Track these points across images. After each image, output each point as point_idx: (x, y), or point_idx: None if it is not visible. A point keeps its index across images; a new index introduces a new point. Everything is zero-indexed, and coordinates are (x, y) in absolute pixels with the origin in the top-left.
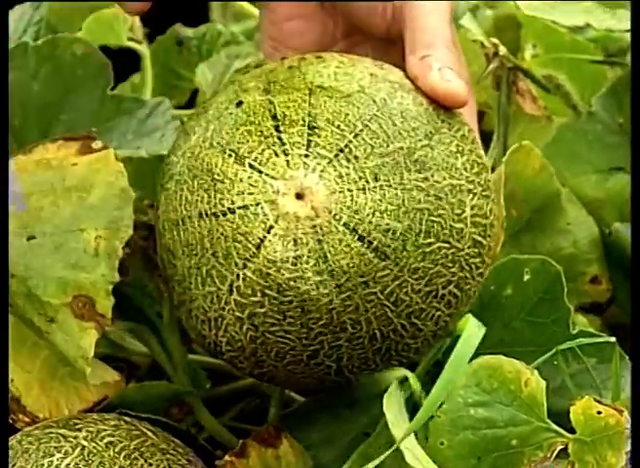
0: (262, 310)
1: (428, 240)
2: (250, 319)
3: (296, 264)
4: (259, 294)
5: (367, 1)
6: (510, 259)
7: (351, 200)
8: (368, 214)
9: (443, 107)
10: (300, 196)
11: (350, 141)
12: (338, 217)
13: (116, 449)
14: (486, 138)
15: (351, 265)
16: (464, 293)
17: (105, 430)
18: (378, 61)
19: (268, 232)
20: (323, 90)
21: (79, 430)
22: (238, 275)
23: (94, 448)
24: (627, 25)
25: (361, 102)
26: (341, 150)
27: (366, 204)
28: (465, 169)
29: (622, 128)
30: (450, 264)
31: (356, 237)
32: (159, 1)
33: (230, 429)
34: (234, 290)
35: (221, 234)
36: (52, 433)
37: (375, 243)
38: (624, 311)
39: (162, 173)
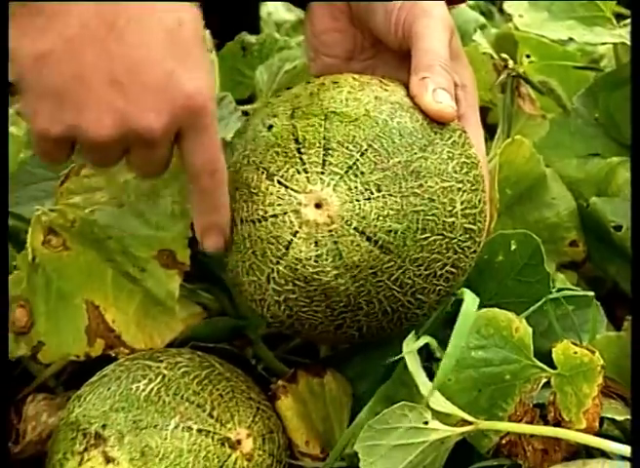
0: (294, 296)
1: (425, 235)
2: (285, 302)
3: (317, 261)
4: (290, 285)
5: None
6: (499, 234)
7: (359, 208)
8: (373, 219)
9: (436, 121)
10: (318, 206)
11: (357, 160)
12: (349, 223)
13: (190, 377)
14: (491, 130)
15: (362, 260)
16: (460, 270)
17: (182, 362)
18: (386, 80)
19: (294, 236)
20: (336, 115)
21: (161, 361)
22: (273, 269)
23: (172, 376)
24: (603, 39)
25: (366, 125)
26: (350, 167)
27: (371, 211)
28: (455, 171)
29: (598, 121)
30: (445, 251)
31: (365, 238)
32: (223, 19)
33: (283, 361)
34: (271, 280)
35: (258, 237)
36: (139, 363)
37: (380, 241)
38: (597, 267)
39: None
